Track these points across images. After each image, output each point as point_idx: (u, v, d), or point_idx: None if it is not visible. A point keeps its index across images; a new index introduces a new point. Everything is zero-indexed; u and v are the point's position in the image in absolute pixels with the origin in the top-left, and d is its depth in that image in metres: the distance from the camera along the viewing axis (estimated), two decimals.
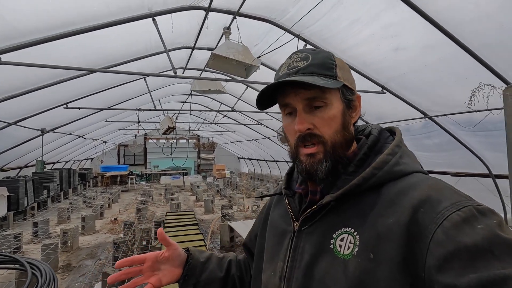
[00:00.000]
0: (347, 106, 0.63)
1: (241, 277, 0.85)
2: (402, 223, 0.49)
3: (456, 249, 0.43)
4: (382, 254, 0.49)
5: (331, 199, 0.58)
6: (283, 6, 3.38)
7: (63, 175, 10.54)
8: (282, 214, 0.72)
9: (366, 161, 0.62)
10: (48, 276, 3.11)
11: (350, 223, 0.56)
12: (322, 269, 0.56)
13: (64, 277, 4.15)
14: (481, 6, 2.67)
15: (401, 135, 0.65)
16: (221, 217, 6.54)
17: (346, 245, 0.55)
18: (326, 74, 0.60)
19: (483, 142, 4.52)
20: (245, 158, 18.34)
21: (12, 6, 2.36)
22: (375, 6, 3.06)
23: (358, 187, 0.57)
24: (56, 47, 3.18)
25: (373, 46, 3.63)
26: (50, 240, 4.73)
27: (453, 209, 0.47)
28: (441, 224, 0.45)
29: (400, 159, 0.59)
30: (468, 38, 3.02)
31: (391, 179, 0.56)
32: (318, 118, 0.60)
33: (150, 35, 3.72)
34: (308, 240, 0.61)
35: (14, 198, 7.04)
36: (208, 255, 0.85)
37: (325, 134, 0.60)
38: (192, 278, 0.77)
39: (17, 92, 3.92)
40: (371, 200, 0.56)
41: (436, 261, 0.44)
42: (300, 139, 0.61)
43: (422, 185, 0.53)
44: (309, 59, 0.61)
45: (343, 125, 0.62)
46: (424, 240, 0.46)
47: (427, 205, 0.49)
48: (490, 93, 2.26)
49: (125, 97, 6.76)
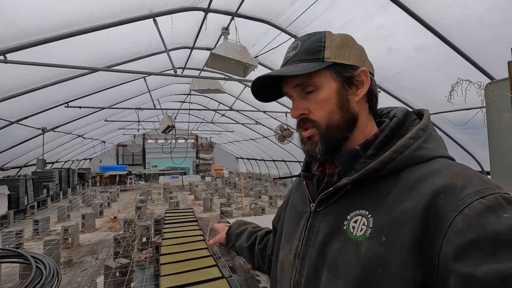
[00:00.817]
0: (347, 83, 0.61)
1: (263, 249, 0.98)
2: (419, 209, 0.48)
3: (476, 237, 0.41)
4: (395, 239, 0.48)
5: (347, 182, 0.57)
6: (279, 7, 3.49)
7: (62, 175, 10.59)
8: (301, 196, 0.74)
9: (388, 144, 0.59)
10: (52, 269, 3.18)
11: (365, 206, 0.56)
12: (335, 249, 0.57)
13: (66, 272, 4.23)
14: (469, 7, 2.80)
15: (429, 117, 0.62)
16: (220, 214, 6.64)
17: (359, 227, 0.54)
18: (311, 59, 0.60)
19: (474, 140, 4.65)
20: (244, 158, 18.43)
21: (20, 8, 2.45)
22: (367, 8, 3.18)
23: (376, 171, 0.55)
24: (59, 46, 3.27)
25: (366, 46, 3.72)
26: (52, 236, 4.81)
27: (477, 196, 0.44)
28: (461, 211, 0.43)
29: (424, 144, 0.56)
30: (458, 39, 3.15)
31: (412, 164, 0.54)
32: (311, 102, 0.61)
33: (150, 35, 3.82)
34: (323, 220, 0.62)
35: (14, 196, 7.09)
36: (244, 228, 1.09)
37: (319, 117, 0.61)
38: (229, 242, 1.10)
39: (20, 90, 4.01)
40: (389, 184, 0.55)
41: (454, 249, 0.42)
42: (299, 124, 0.64)
43: (446, 171, 0.50)
44: (297, 47, 0.62)
45: (339, 104, 0.61)
46: (442, 227, 0.44)
47: (448, 191, 0.46)
48: (467, 87, 2.37)
49: (125, 96, 6.85)
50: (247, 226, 1.10)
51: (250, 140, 13.19)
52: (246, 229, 1.08)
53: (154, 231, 5.39)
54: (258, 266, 1.00)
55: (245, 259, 1.06)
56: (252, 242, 1.02)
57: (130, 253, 4.21)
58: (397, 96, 4.54)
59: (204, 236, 4.14)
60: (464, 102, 3.44)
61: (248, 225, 1.11)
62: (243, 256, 1.07)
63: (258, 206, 6.98)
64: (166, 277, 2.73)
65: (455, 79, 3.57)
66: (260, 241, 1.00)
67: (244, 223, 1.13)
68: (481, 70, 3.22)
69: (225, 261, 4.12)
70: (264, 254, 0.97)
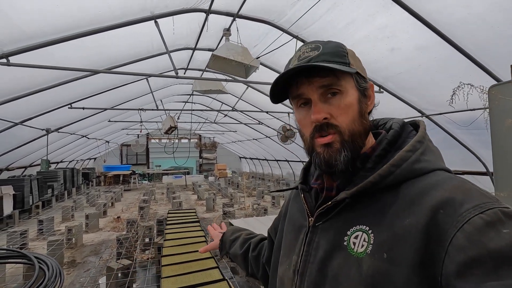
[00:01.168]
0: (362, 94, 0.61)
1: (257, 257, 0.97)
2: (420, 225, 0.47)
3: (477, 254, 0.40)
4: (398, 256, 0.48)
5: (346, 196, 0.56)
6: (280, 8, 3.48)
7: (66, 175, 10.69)
8: (299, 209, 0.72)
9: (386, 157, 0.59)
10: (55, 270, 3.21)
11: (365, 221, 0.55)
12: (336, 266, 0.55)
13: (69, 273, 4.26)
14: (472, 7, 2.76)
15: (425, 129, 0.61)
16: (222, 215, 6.65)
17: (360, 243, 0.53)
18: (339, 62, 0.58)
19: (478, 140, 4.59)
20: (247, 157, 18.44)
21: (21, 11, 2.47)
22: (369, 8, 3.15)
23: (374, 185, 0.55)
24: (61, 49, 3.29)
25: (369, 46, 3.72)
26: (55, 237, 4.86)
27: (476, 211, 0.43)
28: (461, 227, 0.43)
29: (422, 156, 0.56)
30: (460, 39, 3.11)
31: (411, 177, 0.54)
32: (335, 106, 0.58)
33: (152, 37, 3.83)
34: (323, 236, 0.60)
35: (19, 196, 7.18)
36: (239, 234, 1.08)
37: (342, 123, 0.58)
38: (223, 249, 1.10)
39: (23, 92, 4.05)
40: (389, 198, 0.54)
41: (456, 266, 0.41)
42: (317, 129, 0.59)
43: (445, 185, 0.50)
44: (320, 48, 0.60)
45: (360, 113, 0.60)
46: (443, 243, 0.44)
47: (448, 206, 0.46)
48: (469, 91, 2.34)
49: (128, 97, 6.89)
50: (241, 232, 1.10)
51: (253, 140, 13.19)
52: (240, 236, 1.07)
53: (156, 232, 5.42)
54: (251, 273, 1.00)
55: (239, 266, 1.08)
56: (246, 249, 1.01)
57: (132, 254, 4.23)
58: (400, 97, 4.50)
59: (206, 237, 4.15)
60: (453, 103, 3.40)
61: (242, 231, 1.11)
62: (237, 263, 1.06)
63: (260, 206, 6.97)
64: (167, 279, 2.74)
65: (458, 79, 3.52)
66: (254, 248, 0.99)
67: (239, 229, 1.13)
68: (485, 70, 3.17)
69: (226, 262, 4.12)
70: (258, 261, 0.96)
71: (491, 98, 1.50)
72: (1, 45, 2.76)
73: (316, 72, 0.58)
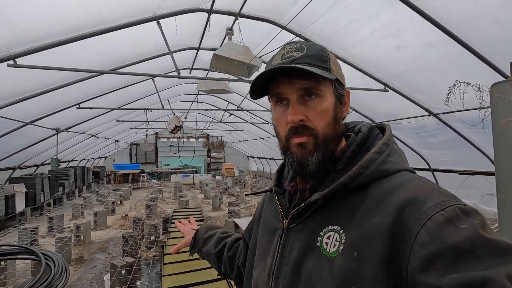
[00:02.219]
0: (338, 100, 0.63)
1: (232, 257, 0.96)
2: (386, 223, 0.49)
3: (438, 249, 0.43)
4: (366, 253, 0.49)
5: (318, 197, 0.58)
6: (282, 7, 3.45)
7: (77, 173, 10.94)
8: (273, 212, 0.72)
9: (355, 159, 0.61)
10: (61, 266, 3.30)
11: (337, 221, 0.56)
12: (309, 267, 0.56)
13: (76, 269, 4.36)
14: (479, 3, 2.67)
15: (390, 132, 0.64)
16: (227, 214, 6.67)
17: (332, 242, 0.55)
18: (321, 66, 0.59)
19: (488, 140, 4.45)
20: (254, 156, 18.44)
21: (26, 14, 2.53)
22: (373, 5, 3.09)
23: (345, 186, 0.56)
24: (67, 50, 3.36)
25: (374, 44, 3.65)
26: (64, 234, 4.98)
27: (437, 209, 0.46)
28: (424, 224, 0.45)
29: (388, 158, 0.58)
30: (468, 36, 3.01)
31: (378, 178, 0.56)
32: (311, 110, 0.59)
33: (155, 37, 3.87)
34: (297, 237, 0.61)
35: (31, 194, 7.39)
36: (213, 233, 1.06)
37: (317, 127, 0.59)
38: (195, 247, 1.07)
39: (32, 93, 4.15)
40: (358, 198, 0.56)
41: (419, 261, 0.43)
42: (292, 130, 0.60)
43: (409, 185, 0.52)
44: (304, 50, 0.60)
45: (335, 118, 0.61)
46: (408, 240, 0.46)
47: (412, 205, 0.48)
48: (465, 90, 2.27)
49: (135, 97, 6.98)
50: (215, 231, 1.08)
51: (260, 139, 13.18)
52: (214, 234, 1.05)
53: (162, 230, 5.48)
54: (225, 273, 0.99)
55: (211, 264, 1.05)
56: (220, 248, 1.00)
57: (137, 252, 4.30)
58: (406, 95, 4.40)
59: None
60: (449, 101, 3.28)
61: (217, 229, 1.09)
62: (209, 261, 1.05)
63: None
64: (168, 277, 2.77)
65: (465, 77, 3.41)
66: (229, 249, 0.98)
67: (213, 227, 1.10)
68: (494, 67, 3.07)
69: None
70: (232, 262, 0.96)
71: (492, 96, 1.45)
72: (8, 47, 2.84)
73: (297, 74, 0.58)
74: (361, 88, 4.33)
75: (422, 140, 5.55)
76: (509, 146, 1.21)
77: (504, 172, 1.29)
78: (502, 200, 1.26)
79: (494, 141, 1.34)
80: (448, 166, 5.55)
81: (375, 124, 0.70)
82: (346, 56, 4.07)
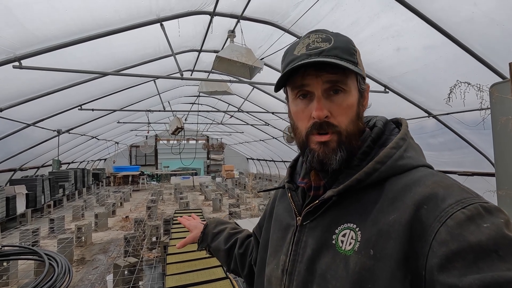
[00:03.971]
0: (361, 95, 0.61)
1: (243, 254, 0.93)
2: (404, 221, 0.48)
3: (459, 248, 0.41)
4: (383, 251, 0.48)
5: (333, 194, 0.56)
6: (284, 9, 3.50)
7: (77, 175, 10.93)
8: (286, 208, 0.71)
9: (370, 154, 0.59)
10: (64, 266, 3.31)
11: (352, 219, 0.55)
12: (324, 264, 0.55)
13: (78, 270, 4.37)
14: (478, 5, 2.71)
15: (407, 127, 0.62)
16: (228, 215, 6.69)
17: (348, 240, 0.53)
18: (349, 60, 0.56)
19: (488, 141, 4.50)
20: (254, 158, 18.46)
21: (32, 16, 2.57)
22: (373, 7, 3.14)
23: (360, 182, 0.55)
24: (71, 52, 3.39)
25: (374, 46, 3.70)
26: (65, 235, 4.98)
27: (458, 206, 0.44)
28: (444, 222, 0.44)
29: (405, 153, 0.56)
30: (467, 38, 3.06)
31: (395, 174, 0.54)
32: (336, 105, 0.57)
33: (158, 39, 3.91)
34: (311, 234, 0.60)
35: (32, 196, 7.39)
36: (223, 228, 1.04)
37: (341, 124, 0.57)
38: (204, 242, 1.04)
39: (35, 94, 4.18)
40: (374, 195, 0.54)
41: (439, 260, 0.42)
42: (316, 126, 0.57)
43: (427, 181, 0.51)
44: (331, 41, 0.57)
45: (358, 114, 0.60)
46: (427, 238, 0.44)
47: (431, 202, 0.47)
48: (466, 90, 2.30)
49: (136, 99, 7.01)
50: (225, 226, 1.05)
51: (260, 141, 13.21)
52: (224, 230, 1.02)
53: (163, 231, 5.49)
54: (234, 269, 0.97)
55: (219, 261, 1.01)
56: (231, 245, 0.97)
57: (139, 252, 4.31)
58: (406, 97, 4.45)
59: None
60: (450, 101, 3.33)
61: (227, 225, 1.06)
62: (217, 257, 1.02)
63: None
64: (171, 277, 2.79)
65: (464, 79, 3.46)
66: (240, 245, 0.95)
67: (222, 222, 1.08)
68: (492, 69, 3.12)
69: None
70: (244, 259, 0.94)
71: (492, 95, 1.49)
72: (14, 48, 2.87)
73: (326, 67, 0.56)
74: None
75: (421, 141, 5.59)
76: (508, 143, 1.24)
77: (504, 169, 1.33)
78: (502, 196, 1.29)
79: (494, 138, 1.38)
80: (448, 167, 5.59)
81: (390, 118, 0.67)
82: None
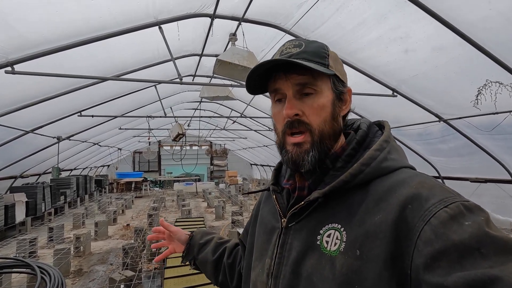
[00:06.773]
0: (338, 97, 0.62)
1: (232, 264, 0.90)
2: (389, 221, 0.48)
3: (443, 247, 0.42)
4: (369, 252, 0.48)
5: (318, 195, 0.56)
6: (286, 11, 3.37)
7: (79, 182, 10.84)
8: (271, 210, 0.71)
9: (355, 156, 0.60)
10: (57, 280, 3.16)
11: (337, 220, 0.55)
12: (309, 267, 0.55)
13: (74, 282, 4.21)
14: (494, 3, 2.56)
15: (389, 129, 0.63)
16: (231, 223, 6.50)
17: (333, 241, 0.53)
18: (319, 62, 0.58)
19: (502, 146, 4.29)
20: (258, 164, 18.29)
21: (23, 18, 2.46)
22: (380, 8, 2.99)
23: (346, 183, 0.55)
24: (67, 56, 3.29)
25: (381, 48, 3.55)
26: (63, 245, 4.83)
27: (441, 205, 0.45)
28: (428, 221, 0.44)
29: (388, 155, 0.57)
30: (482, 38, 2.89)
31: (379, 175, 0.55)
32: (308, 105, 0.59)
33: (157, 43, 3.79)
34: (296, 236, 0.60)
35: (32, 203, 7.29)
36: (210, 238, 0.98)
37: (313, 123, 0.59)
38: (189, 254, 0.97)
39: (32, 101, 4.08)
40: (359, 196, 0.55)
41: (423, 259, 0.42)
42: (288, 125, 0.59)
43: (411, 181, 0.51)
44: (302, 46, 0.60)
45: (332, 115, 0.60)
46: (412, 237, 0.45)
47: (415, 202, 0.48)
48: (498, 90, 2.11)
49: (137, 104, 6.91)
50: (212, 236, 1.01)
51: (264, 146, 13.06)
52: (211, 240, 0.98)
53: None
54: (222, 282, 0.91)
55: (205, 274, 0.95)
56: (219, 255, 0.93)
57: (138, 264, 4.14)
58: (415, 100, 4.27)
59: None
60: (494, 107, 3.16)
61: (214, 235, 1.02)
62: (203, 270, 0.96)
63: None
64: None
65: (479, 81, 3.29)
66: (229, 255, 0.92)
67: (209, 232, 1.03)
68: (510, 71, 2.93)
69: None
70: (233, 269, 0.90)
71: None
72: (6, 53, 2.76)
73: (294, 69, 0.58)
74: (368, 93, 4.21)
75: (430, 146, 5.39)
76: None
77: None
78: None
79: None
80: (459, 174, 5.37)
81: (373, 121, 0.68)
82: (353, 60, 3.96)
